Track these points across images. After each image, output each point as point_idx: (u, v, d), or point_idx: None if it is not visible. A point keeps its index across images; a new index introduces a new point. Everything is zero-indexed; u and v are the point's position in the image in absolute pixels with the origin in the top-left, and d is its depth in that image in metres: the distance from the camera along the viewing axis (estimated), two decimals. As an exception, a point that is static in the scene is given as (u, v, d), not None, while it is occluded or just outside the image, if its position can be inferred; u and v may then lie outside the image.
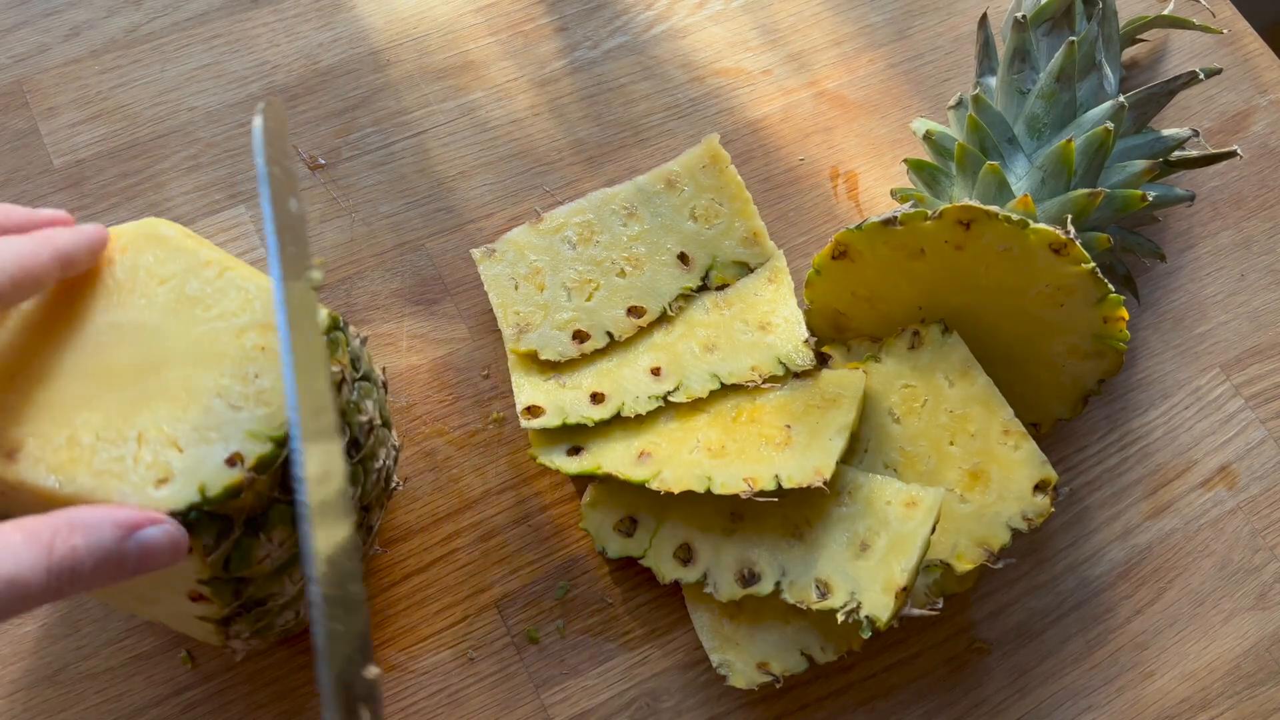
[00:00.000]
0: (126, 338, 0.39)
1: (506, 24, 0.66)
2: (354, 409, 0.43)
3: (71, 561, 0.33)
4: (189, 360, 0.39)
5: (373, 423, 0.44)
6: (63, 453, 0.37)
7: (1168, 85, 0.57)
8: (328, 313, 0.41)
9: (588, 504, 0.53)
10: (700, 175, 0.58)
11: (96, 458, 0.37)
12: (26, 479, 0.36)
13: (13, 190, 0.59)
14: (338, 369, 0.41)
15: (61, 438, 0.37)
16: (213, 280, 0.40)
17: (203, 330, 0.39)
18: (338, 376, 0.41)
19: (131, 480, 0.36)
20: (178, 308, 0.40)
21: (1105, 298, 0.49)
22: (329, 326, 0.41)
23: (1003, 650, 0.54)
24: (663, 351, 0.55)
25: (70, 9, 0.64)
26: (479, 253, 0.56)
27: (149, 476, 0.36)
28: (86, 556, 0.33)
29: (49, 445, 0.37)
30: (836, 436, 0.50)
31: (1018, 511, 0.49)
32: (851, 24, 0.69)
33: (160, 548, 0.35)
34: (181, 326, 0.39)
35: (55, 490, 0.36)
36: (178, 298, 0.40)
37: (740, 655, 0.50)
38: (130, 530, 0.34)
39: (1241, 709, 0.54)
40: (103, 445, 0.37)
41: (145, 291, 0.40)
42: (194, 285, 0.40)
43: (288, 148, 0.41)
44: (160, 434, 0.37)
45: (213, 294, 0.40)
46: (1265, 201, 0.66)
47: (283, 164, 0.40)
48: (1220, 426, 0.60)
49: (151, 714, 0.49)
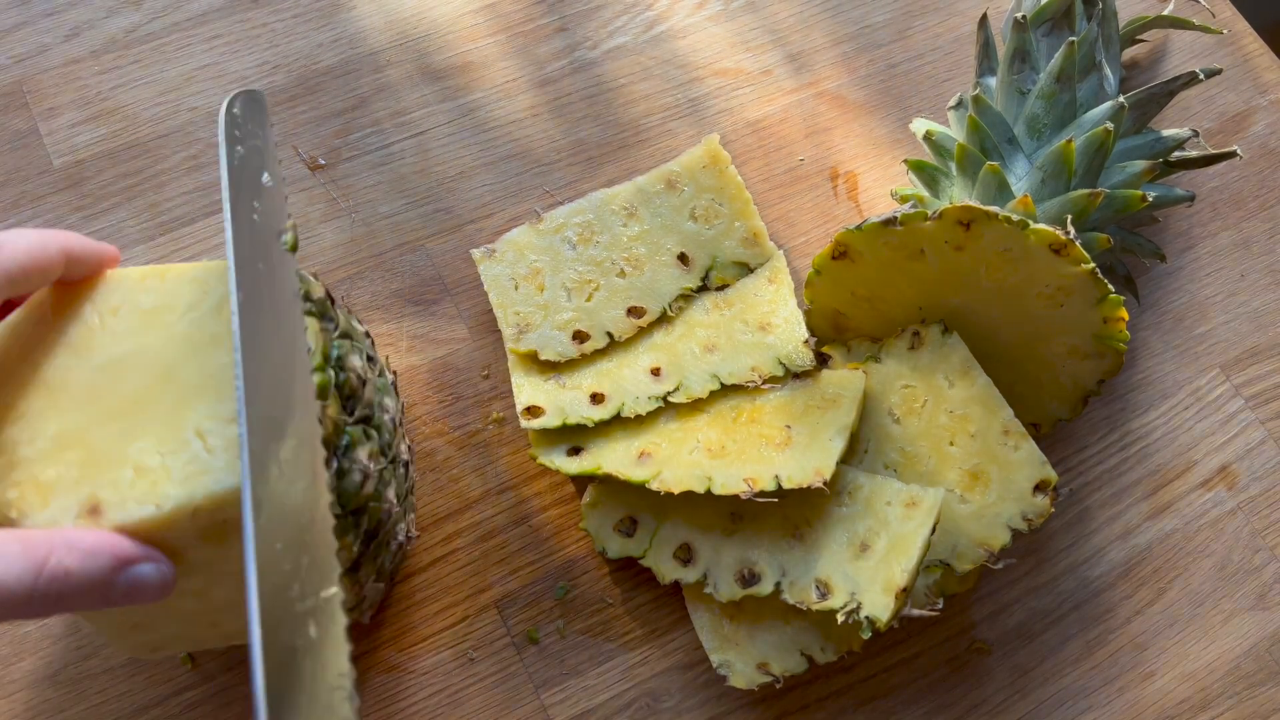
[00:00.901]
0: (120, 371, 0.38)
1: (506, 24, 0.66)
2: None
3: (60, 583, 0.33)
4: (190, 357, 0.38)
5: (369, 334, 0.45)
6: (139, 484, 0.36)
7: (1168, 86, 0.57)
8: (325, 290, 0.42)
9: (588, 504, 0.53)
10: (700, 175, 0.58)
11: (173, 470, 0.36)
12: (123, 522, 0.35)
13: (13, 190, 0.59)
14: (323, 292, 0.42)
15: (128, 474, 0.36)
16: (158, 287, 0.40)
17: (184, 327, 0.39)
18: (325, 299, 0.42)
19: (218, 467, 0.36)
20: (144, 325, 0.39)
21: (1105, 298, 0.49)
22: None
23: (1003, 650, 0.54)
24: (663, 352, 0.55)
25: (70, 9, 0.64)
26: (479, 253, 0.56)
27: (231, 457, 0.36)
28: (77, 580, 0.33)
29: (122, 486, 0.36)
30: (836, 437, 0.50)
31: (1018, 512, 0.49)
32: (851, 24, 0.69)
33: (149, 585, 0.35)
34: (162, 335, 0.39)
35: (155, 515, 0.36)
36: (137, 317, 0.39)
37: (740, 655, 0.50)
38: (126, 564, 0.35)
39: (1241, 709, 0.54)
40: (171, 458, 0.36)
41: (103, 327, 0.39)
42: (145, 299, 0.40)
43: (267, 131, 0.42)
44: (215, 421, 0.37)
45: (169, 296, 0.40)
46: (1265, 202, 0.66)
47: (255, 143, 0.40)
48: (1220, 427, 0.60)
49: (152, 714, 0.49)
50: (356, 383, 0.41)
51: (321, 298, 0.42)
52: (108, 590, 0.34)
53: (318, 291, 0.42)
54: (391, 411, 0.45)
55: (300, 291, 0.40)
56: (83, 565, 0.33)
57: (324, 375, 0.39)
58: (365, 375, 0.42)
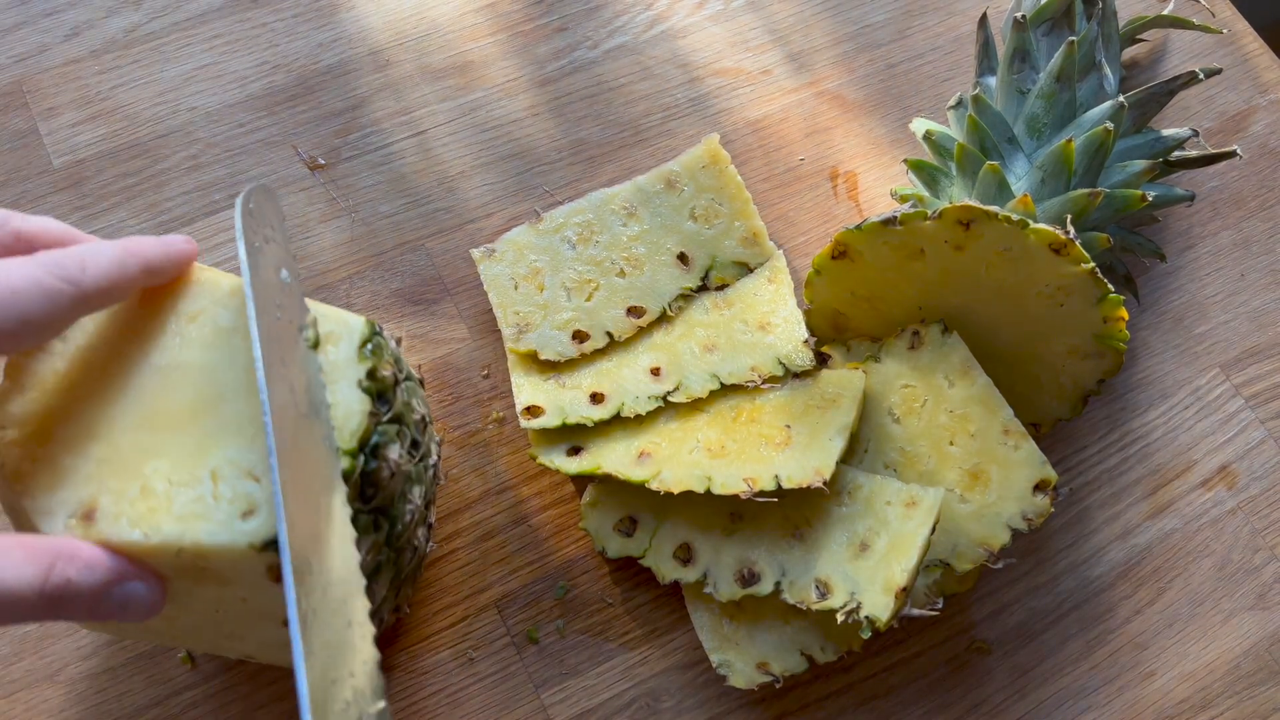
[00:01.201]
0: (173, 380, 0.38)
1: (506, 24, 0.66)
2: (408, 409, 0.43)
3: (63, 591, 0.34)
4: (242, 392, 0.38)
5: (425, 419, 0.45)
6: (139, 504, 0.36)
7: (1168, 85, 0.57)
8: (364, 320, 0.41)
9: (587, 504, 0.53)
10: (700, 175, 0.58)
11: (175, 503, 0.36)
12: (110, 537, 0.36)
13: (13, 190, 0.59)
14: (388, 371, 0.41)
15: (134, 489, 0.36)
16: (242, 310, 0.40)
17: (247, 360, 0.39)
18: (389, 380, 0.41)
19: (217, 518, 0.36)
20: (216, 342, 0.39)
21: (1105, 298, 0.49)
22: (366, 335, 0.41)
23: (1003, 650, 0.54)
24: (662, 351, 0.55)
25: (70, 9, 0.64)
26: (479, 253, 0.56)
27: (233, 511, 0.36)
28: (77, 590, 0.34)
29: (124, 499, 0.36)
30: (836, 436, 0.50)
31: (1018, 512, 0.49)
32: (851, 24, 0.69)
33: (139, 603, 0.36)
34: (225, 359, 0.39)
35: (141, 543, 0.35)
36: (213, 332, 0.39)
37: (740, 655, 0.50)
38: (120, 580, 0.35)
39: (1242, 709, 0.54)
40: (178, 489, 0.36)
41: (178, 331, 0.39)
42: (225, 317, 0.40)
43: (279, 223, 0.42)
44: (234, 468, 0.37)
45: (246, 323, 0.40)
46: (1265, 201, 0.66)
47: (271, 238, 0.41)
48: (1220, 426, 0.60)
49: (152, 714, 0.49)
50: (385, 475, 0.40)
51: (386, 377, 0.41)
52: (101, 603, 0.35)
53: (385, 370, 0.41)
54: (415, 502, 0.44)
55: (367, 369, 0.40)
56: (81, 576, 0.34)
57: (352, 462, 0.39)
58: (397, 467, 0.41)
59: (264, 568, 0.36)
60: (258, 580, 0.37)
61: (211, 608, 0.39)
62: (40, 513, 0.36)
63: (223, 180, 0.60)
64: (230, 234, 0.59)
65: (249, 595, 0.38)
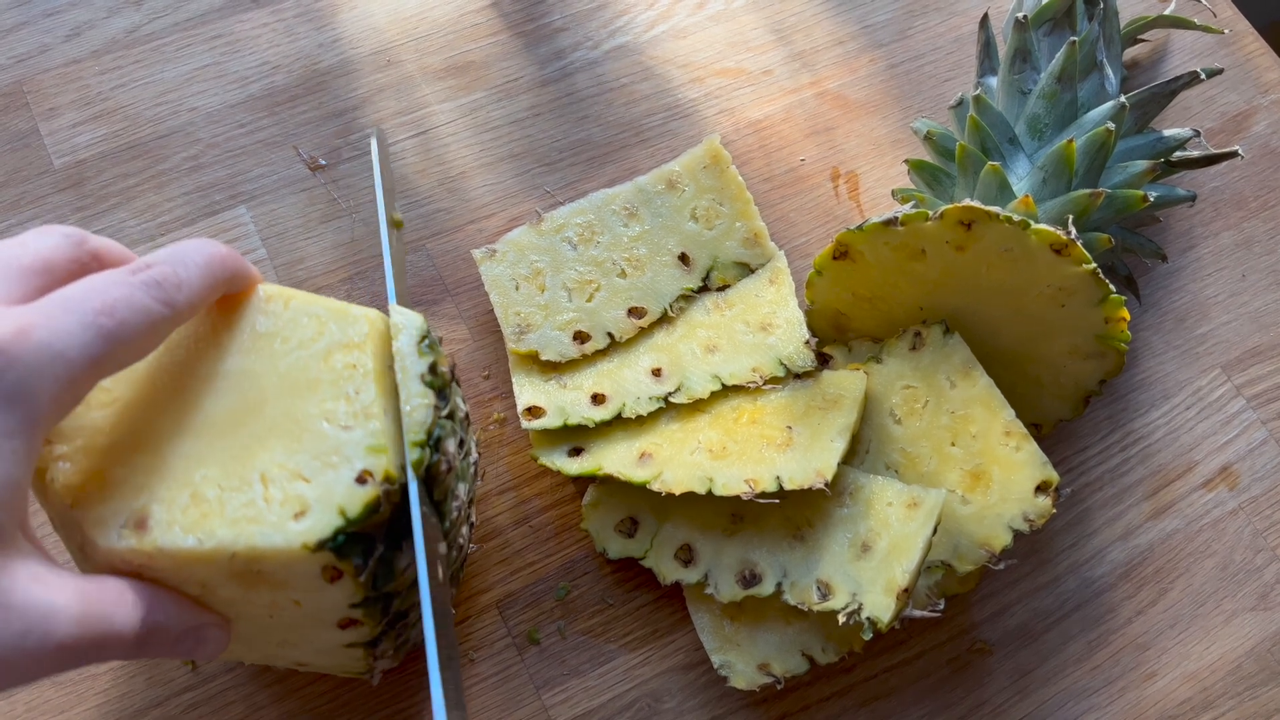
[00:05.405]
0: (215, 387, 0.38)
1: (506, 24, 0.66)
2: (455, 405, 0.43)
3: (151, 633, 0.35)
4: (285, 394, 0.38)
5: (468, 415, 0.45)
6: (191, 511, 0.36)
7: (1169, 85, 0.57)
8: (421, 316, 0.41)
9: (588, 505, 0.53)
10: (701, 176, 0.58)
11: (227, 508, 0.36)
12: (164, 545, 0.35)
13: (13, 191, 0.59)
14: (446, 367, 0.42)
15: (185, 497, 0.36)
16: (280, 313, 0.40)
17: (289, 363, 0.39)
18: (447, 375, 0.42)
19: (269, 520, 0.36)
20: (255, 346, 0.39)
21: (1107, 298, 0.49)
22: (424, 331, 0.41)
23: (1004, 651, 0.54)
24: (664, 352, 0.55)
25: (71, 9, 0.64)
26: (480, 253, 0.56)
27: (285, 513, 0.36)
28: (162, 632, 0.36)
29: (175, 507, 0.36)
30: (838, 438, 0.50)
31: (1019, 512, 0.49)
32: (852, 24, 0.69)
33: (213, 648, 0.39)
34: (266, 364, 0.39)
35: (196, 549, 0.35)
36: (251, 337, 0.39)
37: (741, 656, 0.50)
38: (201, 627, 0.38)
39: (1243, 710, 0.54)
40: (229, 494, 0.36)
41: (216, 339, 0.39)
42: (263, 322, 0.40)
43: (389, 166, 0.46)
44: (283, 470, 0.37)
45: (285, 326, 0.40)
46: (1266, 202, 0.66)
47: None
48: (1222, 427, 0.60)
49: (152, 714, 0.49)
50: (443, 469, 0.40)
51: (445, 373, 0.42)
52: (178, 645, 0.37)
53: (444, 365, 0.42)
54: (461, 498, 0.44)
55: (429, 364, 0.40)
56: (169, 619, 0.36)
57: (422, 453, 0.39)
58: (453, 462, 0.41)
59: (318, 568, 0.37)
60: (311, 581, 0.37)
61: (265, 614, 0.39)
62: (93, 523, 0.36)
63: (223, 181, 0.60)
64: (231, 234, 0.59)
65: (303, 598, 0.38)
